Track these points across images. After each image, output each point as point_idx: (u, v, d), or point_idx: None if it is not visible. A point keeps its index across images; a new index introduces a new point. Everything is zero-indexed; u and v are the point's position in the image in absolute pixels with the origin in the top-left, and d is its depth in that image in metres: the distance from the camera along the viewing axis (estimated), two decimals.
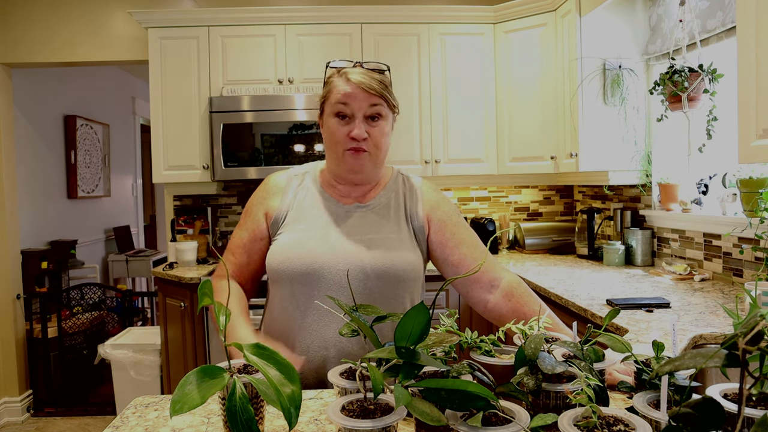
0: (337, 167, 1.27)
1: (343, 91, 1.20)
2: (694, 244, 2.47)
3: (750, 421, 0.69)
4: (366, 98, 1.20)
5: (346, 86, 1.20)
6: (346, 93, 1.20)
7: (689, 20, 2.31)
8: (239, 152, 3.07)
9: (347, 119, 1.21)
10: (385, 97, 1.22)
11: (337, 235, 1.24)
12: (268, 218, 1.30)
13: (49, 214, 4.32)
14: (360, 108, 1.20)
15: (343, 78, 1.22)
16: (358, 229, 1.25)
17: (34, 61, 3.48)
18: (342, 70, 1.23)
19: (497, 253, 3.44)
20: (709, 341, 1.55)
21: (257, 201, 1.33)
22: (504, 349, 0.99)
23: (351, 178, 1.27)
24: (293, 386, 0.72)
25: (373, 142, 1.22)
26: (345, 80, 1.21)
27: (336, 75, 1.24)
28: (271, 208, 1.30)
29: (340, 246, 1.22)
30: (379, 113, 1.22)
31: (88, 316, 3.91)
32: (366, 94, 1.20)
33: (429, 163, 3.24)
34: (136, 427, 0.95)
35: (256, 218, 1.31)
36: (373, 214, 1.28)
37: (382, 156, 1.27)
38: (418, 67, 3.22)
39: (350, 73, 1.22)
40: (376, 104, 1.21)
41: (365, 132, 1.21)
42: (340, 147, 1.23)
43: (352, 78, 1.20)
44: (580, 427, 0.69)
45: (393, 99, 1.25)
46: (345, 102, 1.20)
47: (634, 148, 2.72)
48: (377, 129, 1.22)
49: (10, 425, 3.45)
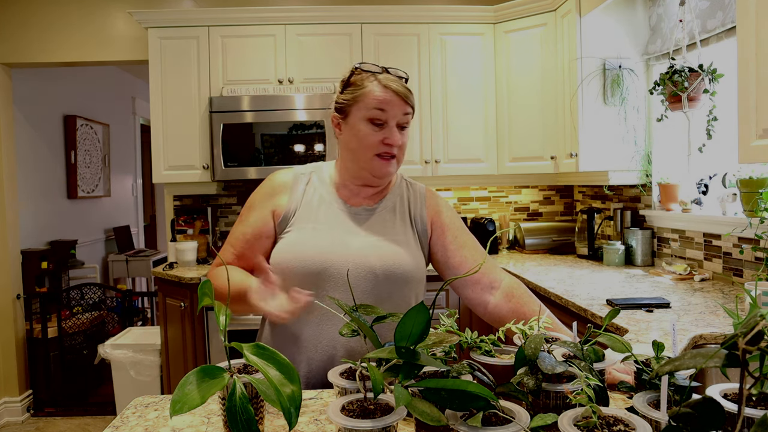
0: (361, 171, 1.27)
1: (382, 97, 1.21)
2: (694, 244, 2.47)
3: (750, 421, 0.69)
4: (401, 106, 1.22)
5: (383, 93, 1.21)
6: (385, 99, 1.21)
7: (689, 20, 2.31)
8: (239, 152, 3.07)
9: (382, 125, 1.23)
10: (413, 107, 1.26)
11: (346, 236, 1.25)
12: (275, 216, 1.29)
13: (49, 214, 4.32)
14: (395, 116, 1.22)
15: (377, 84, 1.22)
16: (367, 231, 1.26)
17: (34, 61, 3.48)
18: (376, 75, 1.24)
19: (497, 253, 3.44)
20: (709, 341, 1.55)
21: (262, 197, 1.32)
22: (504, 349, 0.99)
23: (374, 182, 1.29)
24: (293, 386, 0.72)
25: (401, 149, 1.26)
26: (382, 87, 1.22)
27: (368, 79, 1.23)
28: (279, 206, 1.29)
29: (349, 246, 1.23)
30: (408, 122, 1.26)
31: (88, 316, 3.91)
32: (402, 103, 1.22)
33: (429, 163, 3.24)
34: (136, 427, 0.95)
35: (262, 215, 1.29)
36: (380, 216, 1.30)
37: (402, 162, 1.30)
38: (418, 67, 3.22)
39: (385, 79, 1.23)
40: (408, 113, 1.24)
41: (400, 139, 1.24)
42: (371, 152, 1.23)
43: (390, 85, 1.22)
44: (580, 427, 0.69)
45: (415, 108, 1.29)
46: (382, 108, 1.21)
47: (634, 148, 2.72)
48: (405, 136, 1.26)
49: (10, 425, 3.45)
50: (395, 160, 1.25)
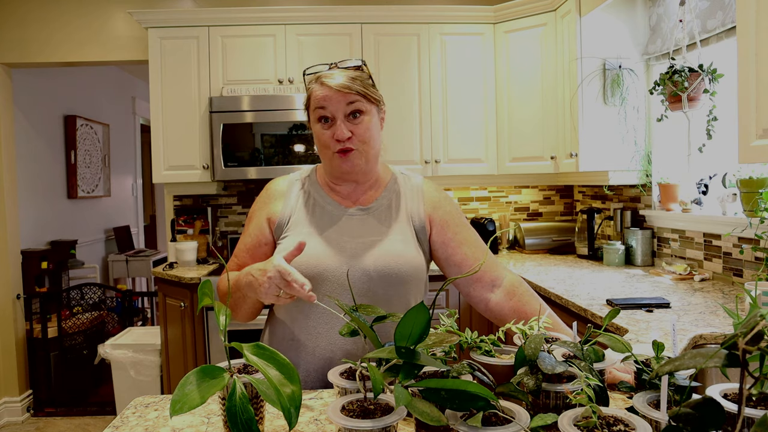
0: (331, 169, 1.28)
1: (321, 95, 1.22)
2: (694, 244, 2.47)
3: (750, 421, 0.69)
4: (342, 98, 1.21)
5: (322, 91, 1.22)
6: (324, 97, 1.21)
7: (689, 20, 2.31)
8: (239, 152, 3.07)
9: (330, 122, 1.23)
10: (363, 93, 1.23)
11: (340, 238, 1.24)
12: (271, 223, 1.31)
13: (49, 214, 4.32)
14: (338, 110, 1.21)
15: (318, 84, 1.24)
16: (361, 232, 1.26)
17: (34, 61, 3.48)
18: (319, 76, 1.25)
19: (497, 253, 3.44)
20: (709, 341, 1.55)
21: (259, 207, 1.34)
22: (504, 349, 0.99)
23: (346, 178, 1.29)
24: (293, 386, 0.72)
25: (359, 138, 1.23)
26: (320, 85, 1.23)
27: (312, 82, 1.26)
28: (274, 213, 1.31)
29: (344, 249, 1.23)
30: (358, 110, 1.23)
31: (88, 316, 3.91)
32: (341, 95, 1.21)
33: (429, 163, 3.24)
34: (136, 427, 0.95)
35: (259, 224, 1.31)
36: (375, 216, 1.29)
37: (374, 151, 1.27)
38: (418, 67, 3.22)
39: (324, 76, 1.23)
40: (353, 102, 1.22)
41: (348, 131, 1.21)
42: (329, 150, 1.24)
43: (326, 81, 1.22)
44: (580, 427, 0.69)
45: (373, 93, 1.26)
46: (323, 106, 1.22)
47: (634, 148, 2.72)
48: (361, 125, 1.23)
49: (10, 425, 3.45)
50: (358, 152, 1.24)
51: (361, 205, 1.30)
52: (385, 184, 1.34)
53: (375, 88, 1.28)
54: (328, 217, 1.28)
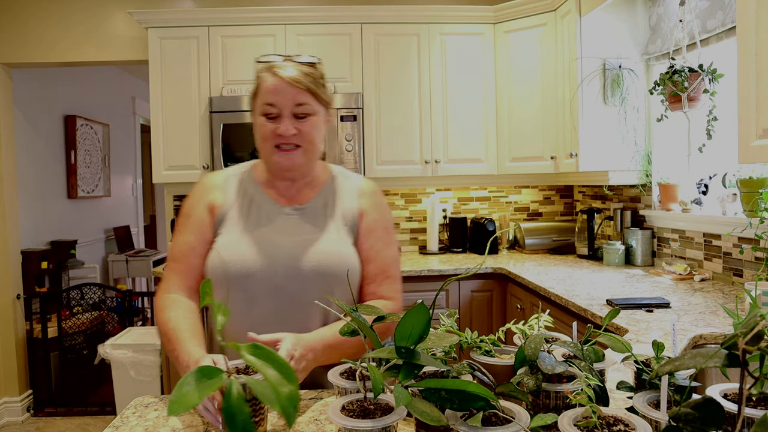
0: (269, 164, 1.25)
1: (272, 86, 1.18)
2: (694, 244, 2.47)
3: (750, 421, 0.69)
4: (294, 94, 1.18)
5: (274, 82, 1.18)
6: (276, 89, 1.18)
7: (689, 20, 2.31)
8: (239, 152, 3.07)
9: (275, 116, 1.19)
10: (313, 92, 1.20)
11: (274, 238, 1.22)
12: (213, 214, 1.25)
13: (49, 214, 4.32)
14: (286, 105, 1.18)
15: (270, 74, 1.20)
16: (296, 231, 1.23)
17: (34, 61, 3.48)
18: (272, 66, 1.21)
19: (497, 253, 3.43)
20: (709, 341, 1.55)
21: (196, 200, 1.28)
22: (504, 349, 0.99)
23: (283, 175, 1.25)
24: (291, 386, 0.72)
25: (304, 137, 1.20)
26: (272, 74, 1.19)
27: (263, 71, 1.21)
28: (214, 201, 1.26)
29: (276, 248, 1.20)
30: (306, 113, 1.20)
31: (88, 316, 3.90)
32: (294, 90, 1.17)
33: (429, 163, 3.24)
34: (136, 427, 0.95)
35: (200, 217, 1.25)
36: (310, 215, 1.26)
37: (316, 151, 1.25)
38: (418, 67, 3.22)
39: (277, 67, 1.20)
40: (302, 103, 1.19)
41: (293, 128, 1.18)
42: (269, 144, 1.20)
43: (278, 72, 1.18)
44: (580, 427, 0.69)
45: (322, 93, 1.23)
46: (271, 102, 1.18)
47: (634, 148, 2.72)
48: (308, 124, 1.20)
49: (10, 425, 3.45)
50: (300, 150, 1.20)
51: (298, 204, 1.27)
52: (322, 184, 1.31)
53: (326, 89, 1.24)
54: (264, 214, 1.25)
